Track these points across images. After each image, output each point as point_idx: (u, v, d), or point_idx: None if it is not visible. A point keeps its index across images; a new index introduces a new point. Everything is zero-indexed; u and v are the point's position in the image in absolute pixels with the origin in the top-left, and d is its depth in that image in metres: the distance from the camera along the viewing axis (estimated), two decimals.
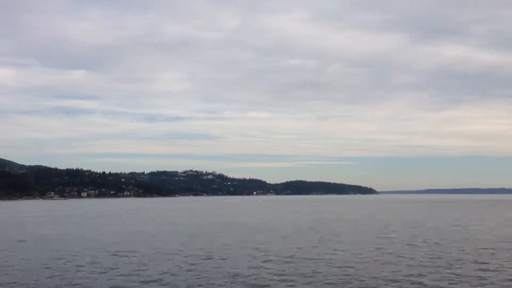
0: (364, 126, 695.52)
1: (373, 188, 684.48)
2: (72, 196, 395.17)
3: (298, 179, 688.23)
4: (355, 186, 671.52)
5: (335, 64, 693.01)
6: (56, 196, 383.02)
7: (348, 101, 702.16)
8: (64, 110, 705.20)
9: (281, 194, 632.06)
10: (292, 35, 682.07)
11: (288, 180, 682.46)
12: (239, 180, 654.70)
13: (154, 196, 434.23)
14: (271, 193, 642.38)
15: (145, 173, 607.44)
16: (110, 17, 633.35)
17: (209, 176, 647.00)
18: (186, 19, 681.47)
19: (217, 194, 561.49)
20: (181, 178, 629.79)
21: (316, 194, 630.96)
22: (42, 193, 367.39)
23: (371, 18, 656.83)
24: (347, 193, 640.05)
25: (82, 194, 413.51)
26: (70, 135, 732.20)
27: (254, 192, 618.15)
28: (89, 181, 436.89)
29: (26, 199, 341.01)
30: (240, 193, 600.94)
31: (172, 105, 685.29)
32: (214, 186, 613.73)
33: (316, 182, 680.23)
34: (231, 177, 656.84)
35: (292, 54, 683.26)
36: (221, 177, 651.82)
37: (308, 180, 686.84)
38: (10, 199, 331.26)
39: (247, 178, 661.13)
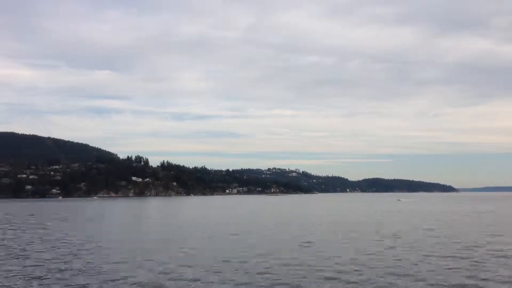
0: (394, 122, 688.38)
1: (452, 185, 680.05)
2: (232, 193, 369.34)
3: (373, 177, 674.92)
4: (435, 183, 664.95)
5: (354, 60, 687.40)
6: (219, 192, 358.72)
7: (373, 97, 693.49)
8: (95, 110, 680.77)
9: (367, 192, 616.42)
10: (307, 31, 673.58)
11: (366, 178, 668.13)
12: (322, 178, 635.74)
13: (297, 193, 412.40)
14: (356, 190, 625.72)
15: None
16: (127, 19, 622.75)
17: (293, 174, 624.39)
18: (201, 18, 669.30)
19: (312, 192, 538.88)
20: (267, 175, 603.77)
21: (399, 191, 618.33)
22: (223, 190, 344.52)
23: (385, 12, 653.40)
24: (431, 191, 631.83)
25: (232, 191, 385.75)
26: (106, 134, 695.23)
27: (347, 190, 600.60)
28: (231, 179, 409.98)
29: (217, 194, 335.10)
30: (327, 190, 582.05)
31: (197, 103, 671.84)
32: (305, 183, 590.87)
33: (394, 179, 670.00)
34: (315, 174, 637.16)
35: (309, 51, 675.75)
36: (305, 175, 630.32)
37: (386, 178, 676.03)
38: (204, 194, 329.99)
39: (330, 175, 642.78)
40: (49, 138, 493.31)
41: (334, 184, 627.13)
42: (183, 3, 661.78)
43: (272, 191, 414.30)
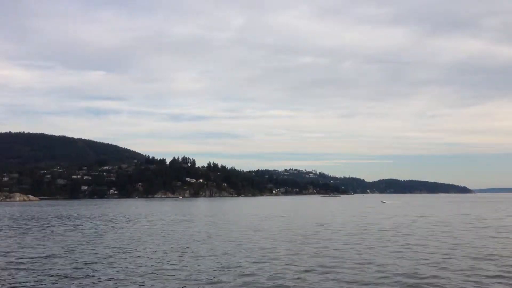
0: (392, 123, 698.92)
1: (467, 186, 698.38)
2: (277, 194, 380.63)
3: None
4: (451, 185, 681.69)
5: (348, 61, 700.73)
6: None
7: (369, 98, 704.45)
8: (92, 111, 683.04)
9: (385, 193, 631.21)
10: (298, 32, 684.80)
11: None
12: (340, 179, 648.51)
13: (335, 195, 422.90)
14: (374, 191, 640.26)
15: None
16: (118, 19, 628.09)
17: (311, 175, 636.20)
18: (193, 19, 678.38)
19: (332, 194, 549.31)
20: (285, 176, 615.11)
21: (420, 192, 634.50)
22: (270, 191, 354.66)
23: (375, 13, 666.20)
24: (448, 192, 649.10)
25: (278, 192, 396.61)
26: (105, 135, 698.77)
27: (368, 191, 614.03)
28: (267, 180, 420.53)
29: (266, 195, 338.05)
30: (346, 191, 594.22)
31: (194, 104, 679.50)
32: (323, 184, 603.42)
33: (410, 180, 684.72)
34: (331, 175, 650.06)
35: (301, 52, 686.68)
36: (323, 176, 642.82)
37: (400, 179, 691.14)
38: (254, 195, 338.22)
39: (347, 176, 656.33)
40: (80, 139, 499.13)
41: (353, 185, 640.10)
42: (174, 4, 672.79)
43: (310, 192, 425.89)
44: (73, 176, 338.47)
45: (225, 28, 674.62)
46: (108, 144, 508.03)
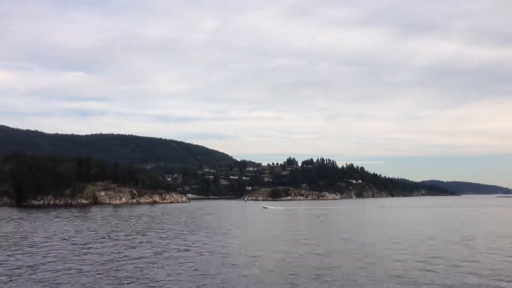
0: (378, 124, 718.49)
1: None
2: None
3: None
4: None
5: (323, 63, 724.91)
6: None
7: (351, 99, 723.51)
8: (78, 112, 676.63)
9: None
10: (269, 34, 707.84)
11: None
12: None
13: (444, 195, 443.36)
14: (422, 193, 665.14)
15: None
16: (91, 20, 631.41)
17: None
18: (166, 20, 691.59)
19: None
20: None
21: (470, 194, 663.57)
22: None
23: (342, 14, 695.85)
24: (494, 193, 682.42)
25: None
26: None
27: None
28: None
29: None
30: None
31: (178, 105, 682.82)
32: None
33: (452, 182, 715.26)
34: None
35: (275, 54, 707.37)
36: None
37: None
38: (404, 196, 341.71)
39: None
40: (172, 140, 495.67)
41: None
42: (146, 5, 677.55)
43: (423, 193, 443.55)
44: (231, 177, 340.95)
45: (199, 30, 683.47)
46: (197, 145, 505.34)
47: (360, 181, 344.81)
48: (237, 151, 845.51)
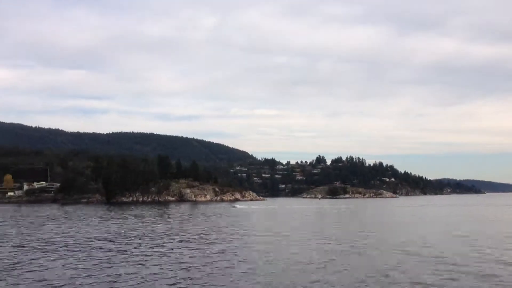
0: (381, 122, 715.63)
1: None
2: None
3: None
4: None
5: (323, 61, 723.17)
6: None
7: (353, 97, 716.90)
8: (80, 110, 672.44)
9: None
10: (268, 31, 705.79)
11: None
12: None
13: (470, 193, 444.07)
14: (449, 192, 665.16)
15: None
16: (90, 18, 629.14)
17: None
18: (164, 18, 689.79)
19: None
20: None
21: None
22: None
23: (342, 11, 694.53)
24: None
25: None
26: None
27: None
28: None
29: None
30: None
31: (179, 103, 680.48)
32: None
33: (465, 180, 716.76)
34: None
35: (275, 52, 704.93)
36: None
37: None
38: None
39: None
40: (193, 138, 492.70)
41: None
42: (145, 4, 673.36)
43: (448, 191, 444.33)
44: (263, 175, 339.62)
45: (198, 28, 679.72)
46: (218, 143, 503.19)
47: (393, 179, 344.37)
48: (240, 149, 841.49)
